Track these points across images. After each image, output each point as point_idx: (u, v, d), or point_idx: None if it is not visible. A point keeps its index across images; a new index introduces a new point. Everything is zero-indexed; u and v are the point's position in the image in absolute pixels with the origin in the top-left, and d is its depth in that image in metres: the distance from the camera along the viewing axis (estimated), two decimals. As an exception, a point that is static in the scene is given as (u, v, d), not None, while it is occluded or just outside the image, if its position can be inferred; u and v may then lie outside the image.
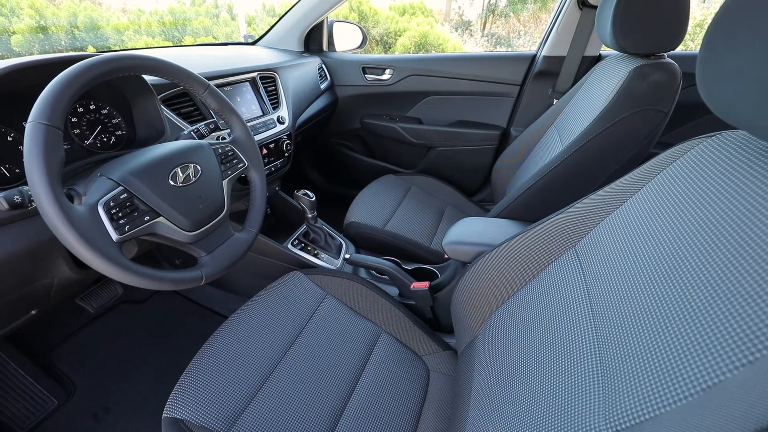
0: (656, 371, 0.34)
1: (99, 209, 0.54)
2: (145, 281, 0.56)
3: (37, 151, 0.47)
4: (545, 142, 1.12)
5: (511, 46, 7.87)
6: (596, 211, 0.55)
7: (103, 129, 0.78)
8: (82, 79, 0.53)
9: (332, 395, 0.70)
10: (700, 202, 0.39)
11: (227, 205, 0.72)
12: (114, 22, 6.80)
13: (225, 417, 0.63)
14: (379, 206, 1.29)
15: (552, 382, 0.46)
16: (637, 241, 0.45)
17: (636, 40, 0.83)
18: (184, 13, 7.47)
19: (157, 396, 1.09)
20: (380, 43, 6.69)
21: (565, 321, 0.50)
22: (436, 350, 0.83)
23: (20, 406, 1.02)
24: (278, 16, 1.57)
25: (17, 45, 5.44)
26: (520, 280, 0.63)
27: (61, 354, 1.18)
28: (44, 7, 5.89)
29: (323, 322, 0.82)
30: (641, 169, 0.51)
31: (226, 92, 1.07)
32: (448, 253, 0.85)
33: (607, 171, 0.86)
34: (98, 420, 1.03)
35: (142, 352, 1.21)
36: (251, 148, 0.80)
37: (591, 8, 1.27)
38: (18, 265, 0.63)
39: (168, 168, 0.64)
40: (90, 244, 0.49)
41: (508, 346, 0.58)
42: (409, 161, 1.77)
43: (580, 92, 1.04)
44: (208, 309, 1.36)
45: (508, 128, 1.57)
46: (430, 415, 0.71)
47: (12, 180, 0.65)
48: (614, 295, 0.44)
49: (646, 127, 0.80)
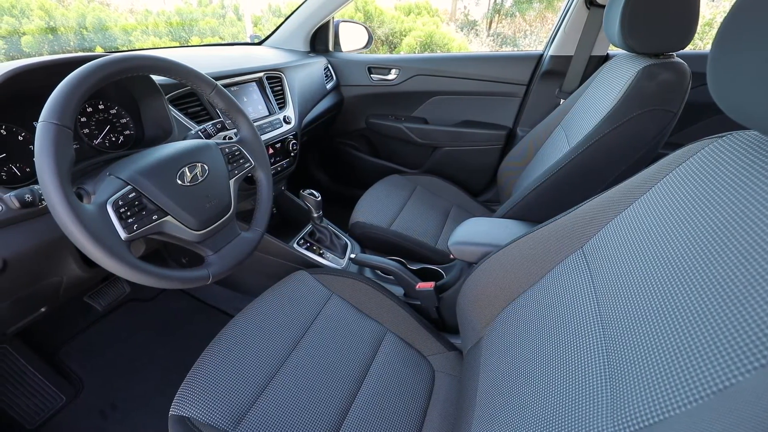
0: (665, 373, 0.33)
1: (108, 208, 0.54)
2: (153, 280, 0.57)
3: (48, 151, 0.48)
4: (552, 143, 1.11)
5: (516, 45, 7.83)
6: (604, 212, 0.54)
7: (111, 129, 0.79)
8: (92, 80, 0.53)
9: (338, 394, 0.70)
10: (711, 203, 0.39)
11: (234, 204, 0.73)
12: (122, 22, 6.85)
13: (231, 415, 0.63)
14: (384, 206, 1.29)
15: (558, 383, 0.45)
16: (647, 242, 0.44)
17: (644, 40, 0.82)
18: (191, 14, 7.51)
19: (163, 394, 1.10)
20: (385, 43, 6.69)
21: (572, 322, 0.49)
22: (441, 350, 0.83)
23: (29, 402, 1.03)
24: (284, 17, 1.57)
25: (27, 46, 5.51)
26: (527, 281, 0.63)
27: (70, 351, 1.19)
28: (53, 8, 5.95)
29: (329, 321, 0.83)
30: (650, 169, 0.51)
31: (233, 92, 1.07)
32: (454, 253, 0.85)
33: (614, 171, 0.85)
34: (105, 417, 1.04)
35: (149, 350, 1.22)
36: (258, 147, 0.80)
37: (599, 7, 1.26)
38: (28, 263, 0.64)
39: (176, 167, 0.64)
40: (99, 243, 0.50)
41: (514, 347, 0.58)
42: (415, 161, 1.77)
43: (588, 92, 1.04)
44: (215, 308, 1.37)
45: (514, 128, 1.56)
46: (435, 416, 0.71)
47: (23, 179, 0.66)
48: (622, 296, 0.44)
49: (654, 128, 0.79)
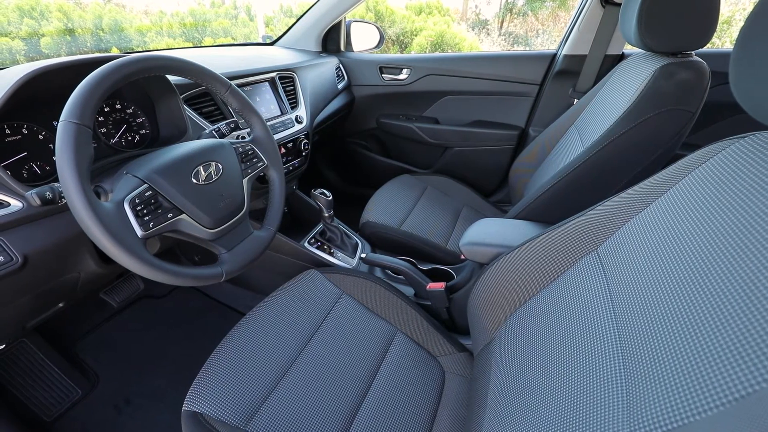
0: (685, 378, 0.33)
1: (125, 206, 0.55)
2: (168, 277, 0.58)
3: (69, 149, 0.49)
4: (565, 143, 1.10)
5: (528, 45, 7.75)
6: (620, 213, 0.53)
7: (128, 128, 0.80)
8: (112, 79, 0.54)
9: (348, 393, 0.70)
10: (732, 205, 0.38)
11: (247, 203, 0.73)
12: (137, 23, 6.97)
13: (243, 412, 0.64)
14: (394, 206, 1.29)
15: (572, 387, 0.45)
16: (664, 245, 0.43)
17: (662, 38, 0.80)
18: (204, 15, 7.59)
19: (176, 389, 1.11)
20: (396, 42, 6.68)
21: (586, 325, 0.49)
22: (451, 351, 0.83)
23: (47, 395, 1.06)
24: (295, 17, 1.58)
25: (46, 47, 5.64)
26: (539, 283, 0.62)
27: (85, 346, 1.21)
28: (71, 10, 6.08)
29: (339, 320, 0.83)
30: (669, 170, 0.50)
31: (246, 92, 1.08)
32: (465, 253, 0.84)
33: (630, 173, 0.84)
34: (119, 411, 1.06)
35: (162, 346, 1.24)
36: (271, 147, 0.81)
37: (614, 6, 1.24)
38: (48, 259, 0.65)
39: (191, 166, 0.65)
40: (116, 240, 0.51)
41: (526, 350, 0.57)
42: (426, 161, 1.77)
43: (603, 91, 1.02)
44: (226, 305, 1.38)
45: (526, 128, 1.55)
46: (445, 416, 0.70)
47: (43, 177, 0.67)
48: (639, 299, 0.43)
49: (672, 128, 0.78)
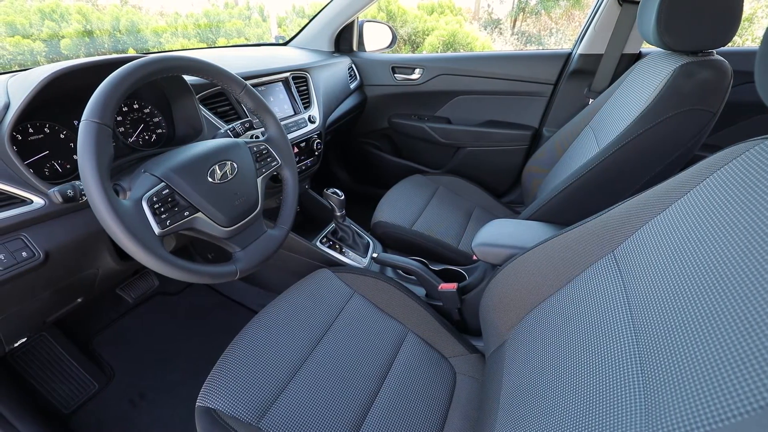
0: (705, 385, 0.32)
1: (143, 204, 0.56)
2: (184, 274, 0.58)
3: (90, 148, 0.50)
4: (580, 143, 1.08)
5: (541, 44, 7.67)
6: (638, 215, 0.52)
7: (145, 127, 0.82)
8: (131, 79, 0.55)
9: (359, 393, 0.70)
10: (755, 208, 0.37)
11: (261, 202, 0.74)
12: (152, 25, 7.10)
13: (255, 408, 0.65)
14: (406, 206, 1.29)
15: (587, 392, 0.44)
16: (685, 247, 0.42)
17: (682, 37, 0.79)
18: (218, 16, 7.70)
19: (189, 385, 1.13)
20: (408, 42, 6.67)
21: (601, 329, 0.48)
22: (463, 353, 0.82)
23: (65, 387, 1.08)
24: (308, 17, 1.59)
25: (66, 48, 5.78)
26: (553, 285, 0.61)
27: (102, 341, 1.24)
28: (90, 12, 6.22)
29: (350, 320, 0.83)
30: (689, 171, 0.48)
31: (260, 92, 1.09)
32: (478, 254, 0.84)
33: (647, 174, 0.82)
34: (134, 405, 1.08)
35: (176, 342, 1.26)
36: (285, 146, 0.81)
37: (632, 4, 1.22)
38: (68, 255, 0.67)
39: (207, 165, 0.66)
40: (135, 237, 0.52)
41: (539, 353, 0.56)
42: (437, 161, 1.76)
43: (619, 91, 1.00)
44: (238, 303, 1.40)
45: (540, 129, 1.53)
46: (456, 418, 0.70)
47: (64, 175, 0.69)
48: (657, 303, 0.42)
49: (691, 129, 0.76)
